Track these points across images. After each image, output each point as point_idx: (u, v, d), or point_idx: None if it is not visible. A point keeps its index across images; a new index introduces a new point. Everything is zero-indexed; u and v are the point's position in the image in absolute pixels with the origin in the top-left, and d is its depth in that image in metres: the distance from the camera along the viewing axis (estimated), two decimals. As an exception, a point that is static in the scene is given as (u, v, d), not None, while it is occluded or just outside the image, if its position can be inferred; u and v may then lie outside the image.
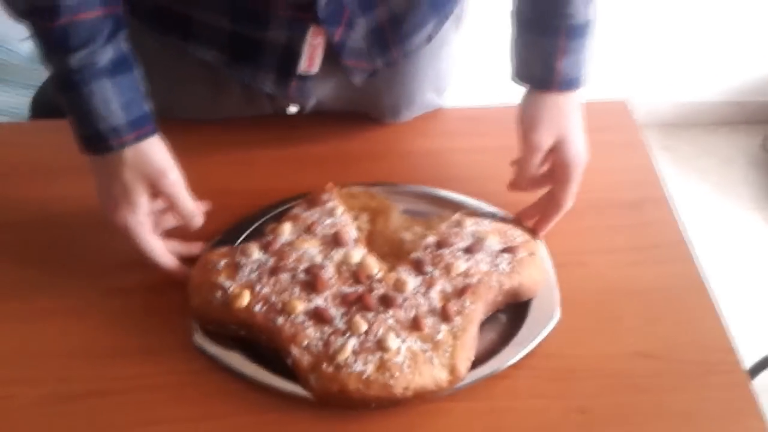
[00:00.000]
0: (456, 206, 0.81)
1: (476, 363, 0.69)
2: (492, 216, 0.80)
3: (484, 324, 0.72)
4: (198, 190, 0.75)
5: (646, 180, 0.89)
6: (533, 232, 0.79)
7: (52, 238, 0.82)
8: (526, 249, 0.74)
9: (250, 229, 0.79)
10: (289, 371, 0.67)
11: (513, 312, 0.74)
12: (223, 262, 0.72)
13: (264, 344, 0.69)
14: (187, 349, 0.71)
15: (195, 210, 0.74)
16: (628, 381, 0.70)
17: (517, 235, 0.75)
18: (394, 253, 0.75)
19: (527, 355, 0.70)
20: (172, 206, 0.73)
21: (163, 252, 0.73)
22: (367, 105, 0.95)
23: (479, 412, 0.68)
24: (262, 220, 0.80)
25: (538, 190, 0.80)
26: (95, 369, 0.70)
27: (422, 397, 0.66)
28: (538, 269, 0.73)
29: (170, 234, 0.77)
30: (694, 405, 0.68)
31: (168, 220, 0.77)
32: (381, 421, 0.67)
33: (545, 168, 0.79)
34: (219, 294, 0.69)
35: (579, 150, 0.76)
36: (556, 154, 0.76)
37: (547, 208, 0.78)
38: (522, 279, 0.71)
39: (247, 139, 0.93)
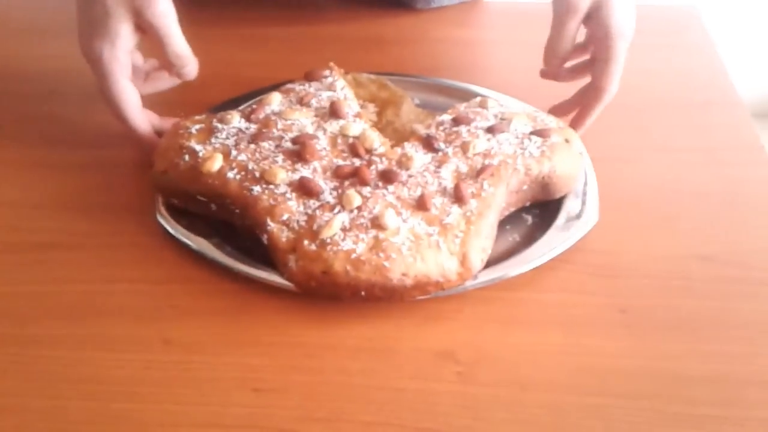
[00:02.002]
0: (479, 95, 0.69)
1: (496, 260, 0.57)
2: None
3: (505, 223, 0.60)
4: (202, 63, 0.66)
5: (714, 82, 0.77)
6: (556, 113, 0.66)
7: (26, 92, 0.75)
8: (561, 135, 0.61)
9: (241, 107, 0.67)
10: (265, 259, 0.56)
11: (541, 213, 0.62)
12: (196, 127, 0.60)
13: (237, 222, 0.58)
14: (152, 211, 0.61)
15: (187, 53, 0.62)
16: (682, 284, 0.57)
17: (550, 121, 0.63)
18: (402, 141, 0.63)
19: (561, 252, 0.58)
20: (159, 45, 0.61)
21: (136, 107, 0.62)
22: None
23: (498, 302, 0.56)
24: (258, 99, 0.67)
25: (577, 80, 0.68)
26: (57, 221, 0.63)
27: (424, 290, 0.53)
28: (573, 159, 0.61)
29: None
30: (760, 317, 0.55)
31: (158, 81, 0.66)
32: (373, 315, 0.55)
33: (584, 57, 0.67)
34: (187, 157, 0.58)
35: (623, 17, 0.62)
36: (595, 22, 0.63)
37: (586, 95, 0.65)
38: (554, 166, 0.59)
39: (263, 14, 0.84)
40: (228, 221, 0.58)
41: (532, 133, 0.60)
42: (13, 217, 0.63)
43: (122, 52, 0.60)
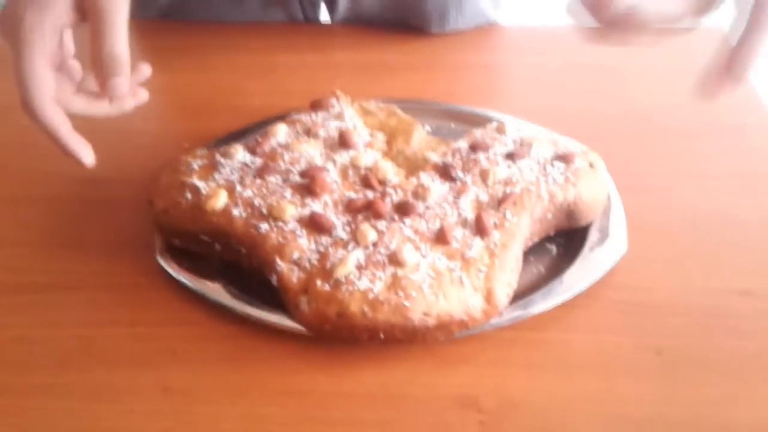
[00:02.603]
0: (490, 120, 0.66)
1: (520, 296, 0.53)
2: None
3: (528, 254, 0.56)
4: (206, 90, 0.62)
5: (747, 104, 0.72)
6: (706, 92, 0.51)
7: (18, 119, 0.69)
8: (585, 159, 0.58)
9: (245, 140, 0.63)
10: (273, 301, 0.52)
11: (566, 242, 0.58)
12: (198, 163, 0.57)
13: (244, 263, 0.54)
14: (151, 251, 0.57)
15: (124, 58, 0.50)
16: (721, 321, 0.53)
17: (573, 145, 0.59)
18: (416, 171, 0.59)
19: (589, 287, 0.54)
20: (95, 38, 0.49)
21: (46, 93, 0.49)
22: (410, 6, 0.81)
23: (522, 342, 0.52)
24: (262, 131, 0.63)
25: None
26: (49, 261, 0.59)
27: (447, 330, 0.49)
28: (599, 184, 0.57)
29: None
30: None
31: (91, 100, 0.53)
32: (388, 358, 0.51)
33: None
34: (189, 195, 0.54)
35: None
36: None
37: (736, 40, 0.49)
38: (579, 192, 0.55)
39: (271, 44, 0.82)
40: (233, 262, 0.55)
41: (554, 158, 0.57)
42: (3, 257, 0.60)
43: (50, 24, 0.49)
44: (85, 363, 0.52)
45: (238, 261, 0.54)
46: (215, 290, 0.53)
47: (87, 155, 0.52)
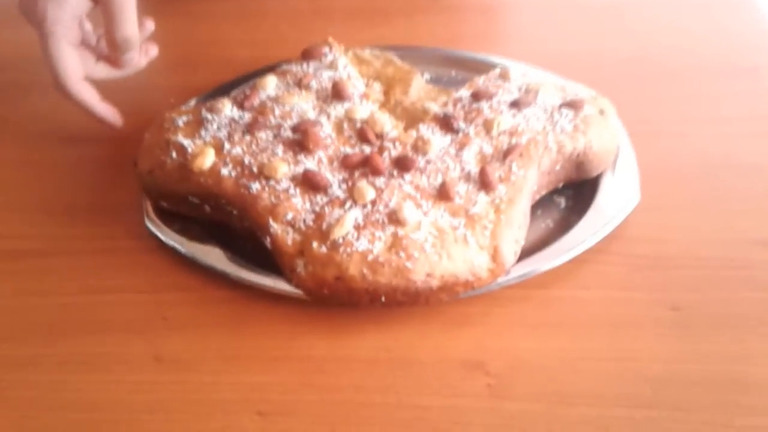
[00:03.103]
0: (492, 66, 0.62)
1: (527, 252, 0.50)
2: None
3: (536, 208, 0.53)
4: (191, 42, 0.59)
5: (763, 45, 0.68)
6: None
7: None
8: (595, 105, 0.54)
9: (233, 93, 0.59)
10: (268, 264, 0.49)
11: (575, 194, 0.55)
12: (183, 119, 0.53)
13: (236, 225, 0.51)
14: (140, 214, 0.55)
15: (136, 37, 0.55)
16: (740, 273, 0.50)
17: (582, 91, 0.56)
18: (415, 123, 0.56)
19: (600, 240, 0.51)
20: (108, 21, 0.54)
21: (75, 74, 0.55)
22: None
23: (531, 301, 0.50)
24: (251, 83, 0.59)
25: None
26: (34, 226, 0.56)
27: (452, 291, 0.47)
28: (609, 132, 0.54)
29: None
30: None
31: (110, 66, 0.59)
32: (391, 321, 0.48)
33: None
34: (175, 154, 0.51)
35: None
36: None
37: None
38: (589, 141, 0.52)
39: None
40: (225, 223, 0.52)
41: (562, 105, 0.53)
42: None
43: (69, 15, 0.54)
44: (73, 332, 0.50)
45: (230, 223, 0.51)
46: (207, 253, 0.51)
47: (117, 119, 0.59)
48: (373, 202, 0.48)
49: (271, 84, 0.55)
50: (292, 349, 0.48)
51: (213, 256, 0.51)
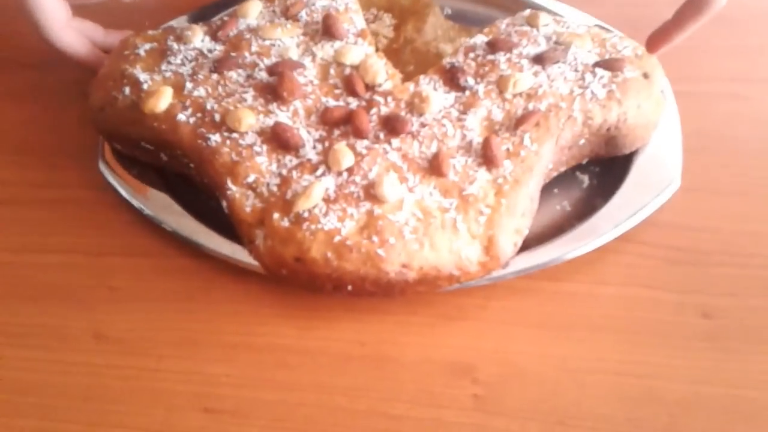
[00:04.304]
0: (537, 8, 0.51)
1: (537, 239, 0.43)
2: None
3: (553, 185, 0.45)
4: None
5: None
6: (652, 45, 0.48)
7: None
8: (638, 66, 0.44)
9: (212, 20, 0.50)
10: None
11: (602, 171, 0.46)
12: (146, 47, 0.46)
13: (196, 180, 0.44)
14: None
15: None
16: None
17: (625, 46, 0.46)
18: (426, 68, 0.47)
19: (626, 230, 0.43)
20: None
21: (58, 20, 0.48)
22: None
23: (537, 296, 0.42)
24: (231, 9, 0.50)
25: None
26: None
27: (433, 285, 0.40)
28: (653, 102, 0.44)
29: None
30: None
31: None
32: (369, 310, 0.42)
33: None
34: (128, 90, 0.43)
35: None
36: None
37: (688, 5, 0.47)
38: (624, 112, 0.42)
39: None
40: (185, 176, 0.45)
41: (597, 64, 0.43)
42: None
43: None
44: (7, 298, 0.44)
45: (189, 175, 0.44)
46: (164, 211, 0.44)
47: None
48: (350, 171, 0.40)
49: (253, 11, 0.46)
50: (254, 335, 0.42)
51: (171, 215, 0.44)
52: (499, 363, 0.40)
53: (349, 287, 0.39)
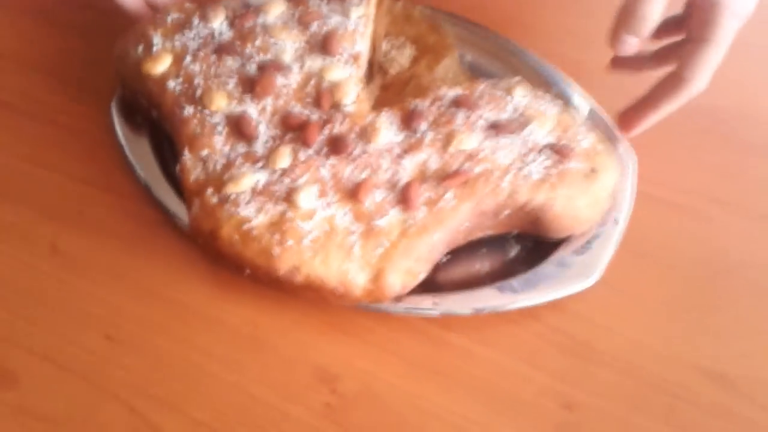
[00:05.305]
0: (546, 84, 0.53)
1: (438, 288, 0.45)
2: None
3: (483, 245, 0.47)
4: None
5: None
6: (624, 123, 0.49)
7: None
8: (588, 161, 0.45)
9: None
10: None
11: (535, 246, 0.48)
12: (174, 16, 0.52)
13: (171, 138, 0.50)
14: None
15: None
16: (667, 401, 0.42)
17: (585, 138, 0.47)
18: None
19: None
20: None
21: None
22: None
23: (421, 337, 0.45)
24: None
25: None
26: (18, 79, 0.58)
27: (319, 294, 0.43)
28: (591, 199, 0.45)
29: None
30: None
31: None
32: (277, 301, 0.46)
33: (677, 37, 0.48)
34: (140, 49, 0.50)
35: None
36: None
37: (662, 84, 0.47)
38: (552, 200, 0.44)
39: None
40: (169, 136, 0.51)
41: (547, 146, 0.45)
42: None
43: None
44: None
45: (171, 136, 0.50)
46: (147, 165, 0.50)
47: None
48: (284, 172, 0.44)
49: (276, 11, 0.51)
50: (169, 287, 0.47)
51: (151, 168, 0.50)
52: (360, 382, 0.44)
53: (248, 271, 0.44)
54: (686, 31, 0.46)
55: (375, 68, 0.55)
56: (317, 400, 0.43)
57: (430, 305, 0.44)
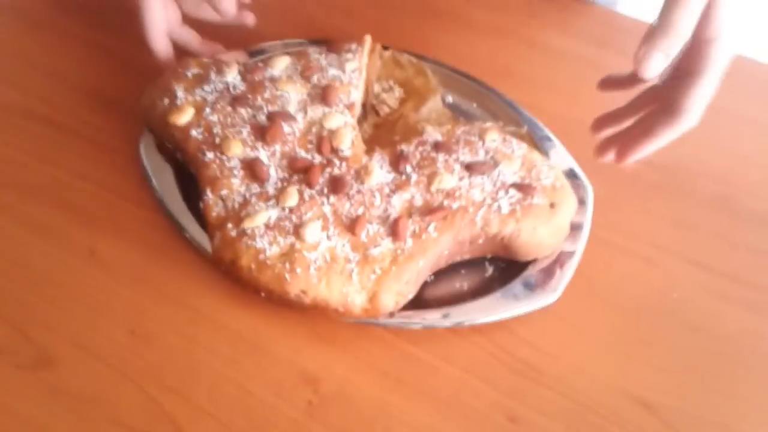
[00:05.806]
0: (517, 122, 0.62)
1: (421, 305, 0.53)
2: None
3: (462, 266, 0.55)
4: None
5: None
6: (620, 153, 0.54)
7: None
8: (548, 196, 0.54)
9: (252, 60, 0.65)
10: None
11: (507, 267, 0.56)
12: (194, 71, 0.60)
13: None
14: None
15: None
16: (598, 424, 0.50)
17: (547, 177, 0.55)
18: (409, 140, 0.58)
19: (487, 323, 0.53)
20: None
21: (159, 30, 0.60)
22: None
23: (394, 352, 0.52)
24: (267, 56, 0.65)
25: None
26: (63, 99, 0.65)
27: (325, 312, 0.52)
28: (552, 228, 0.54)
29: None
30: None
31: (204, 8, 0.63)
32: (277, 310, 0.53)
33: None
34: (166, 101, 0.58)
35: (729, 19, 0.46)
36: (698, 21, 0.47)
37: (655, 115, 0.50)
38: (518, 230, 0.52)
39: None
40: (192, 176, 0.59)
41: (513, 185, 0.53)
42: (26, 79, 0.66)
43: None
44: (11, 188, 0.59)
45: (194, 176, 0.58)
46: (167, 189, 0.57)
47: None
48: (292, 210, 0.52)
49: (281, 65, 0.60)
50: (187, 295, 0.54)
51: (174, 199, 0.57)
52: (338, 385, 0.51)
53: (263, 294, 0.52)
54: (677, 69, 0.50)
55: (368, 108, 0.64)
56: (301, 398, 0.50)
57: (402, 321, 0.52)
